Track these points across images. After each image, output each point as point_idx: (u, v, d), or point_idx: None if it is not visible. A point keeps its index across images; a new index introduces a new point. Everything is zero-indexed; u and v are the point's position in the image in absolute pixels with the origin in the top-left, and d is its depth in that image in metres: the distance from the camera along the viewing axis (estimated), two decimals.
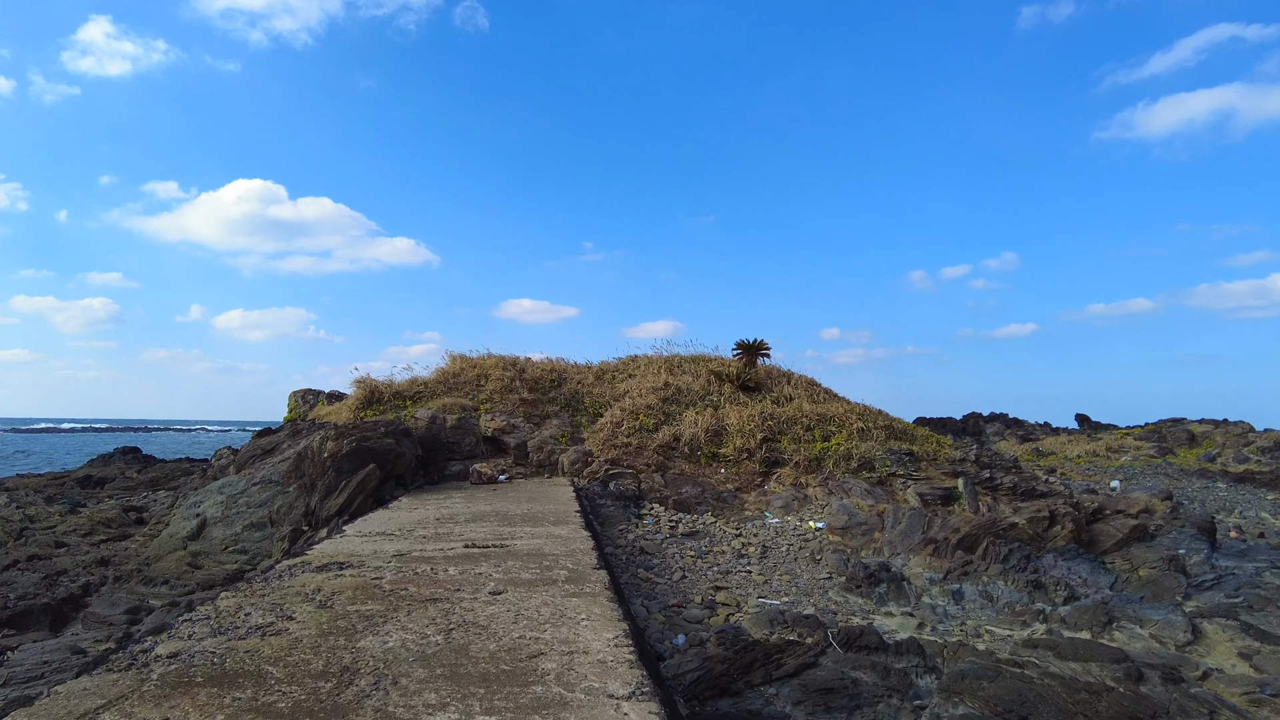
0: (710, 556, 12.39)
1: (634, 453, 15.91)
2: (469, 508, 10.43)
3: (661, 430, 16.56)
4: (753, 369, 19.00)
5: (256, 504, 12.76)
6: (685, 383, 18.36)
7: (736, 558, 12.45)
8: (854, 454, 16.00)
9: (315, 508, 11.54)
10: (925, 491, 15.50)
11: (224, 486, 13.34)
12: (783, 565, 12.38)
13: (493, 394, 16.61)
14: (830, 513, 14.64)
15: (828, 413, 17.28)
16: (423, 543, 7.38)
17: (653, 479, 15.32)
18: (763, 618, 9.26)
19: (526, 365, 18.08)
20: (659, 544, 12.66)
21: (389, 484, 12.60)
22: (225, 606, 4.84)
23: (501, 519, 9.35)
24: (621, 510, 13.92)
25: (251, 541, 12.02)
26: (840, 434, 16.62)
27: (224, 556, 11.67)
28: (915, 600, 11.44)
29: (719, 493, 15.40)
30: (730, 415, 16.95)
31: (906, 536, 13.74)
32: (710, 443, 16.43)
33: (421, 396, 16.22)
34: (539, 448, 15.54)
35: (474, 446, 15.37)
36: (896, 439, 17.08)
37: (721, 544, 13.03)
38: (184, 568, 11.19)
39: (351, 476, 11.70)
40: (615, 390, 18.31)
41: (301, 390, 18.76)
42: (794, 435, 16.66)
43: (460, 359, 17.61)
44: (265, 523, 12.36)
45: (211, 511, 12.78)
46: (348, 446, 11.95)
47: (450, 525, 8.70)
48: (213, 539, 12.21)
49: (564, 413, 17.17)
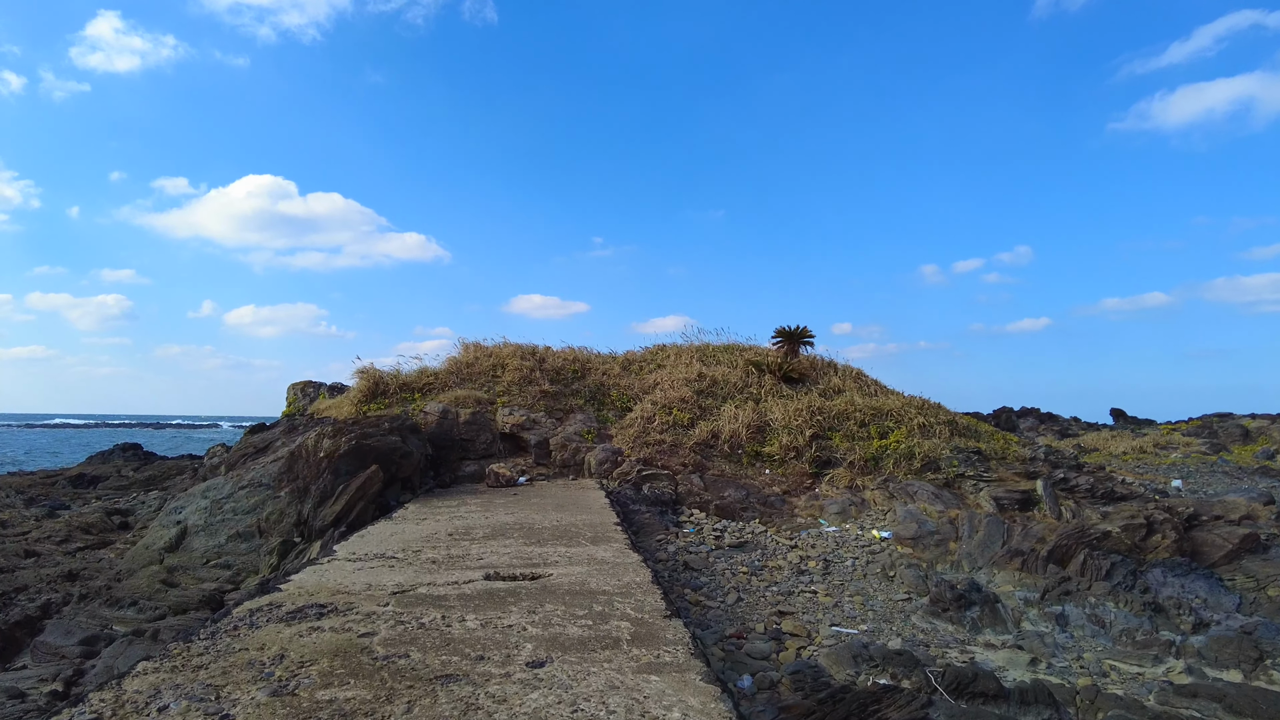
0: (766, 573, 10.69)
1: (668, 451, 14.22)
2: (487, 518, 8.78)
3: (698, 426, 14.85)
4: (795, 359, 17.23)
5: (244, 510, 11.19)
6: (721, 374, 16.63)
7: (796, 574, 10.76)
8: (916, 453, 14.22)
9: (309, 516, 9.94)
10: (1000, 495, 13.71)
11: (209, 490, 11.77)
12: (851, 583, 10.67)
13: (510, 386, 14.95)
14: (896, 520, 12.90)
15: (883, 406, 15.49)
16: (431, 571, 5.72)
17: (690, 481, 13.63)
18: (842, 653, 7.56)
19: (547, 355, 16.40)
20: (705, 557, 10.98)
21: (394, 488, 10.98)
22: (132, 693, 3.19)
23: (528, 534, 7.68)
24: (658, 517, 12.24)
25: (237, 554, 10.45)
26: (899, 430, 14.84)
27: (204, 572, 10.09)
28: (1014, 626, 9.66)
29: (765, 497, 13.68)
30: (774, 409, 15.21)
31: (986, 547, 11.98)
32: (752, 440, 14.70)
33: (431, 389, 14.59)
34: (562, 446, 13.88)
35: (490, 444, 13.72)
36: (961, 436, 15.28)
37: (776, 557, 11.33)
38: (157, 586, 9.62)
39: (350, 480, 10.09)
40: (644, 382, 16.61)
41: (301, 383, 17.17)
42: (846, 432, 14.90)
43: (474, 347, 15.96)
44: (253, 532, 10.79)
45: (193, 519, 11.23)
46: (346, 445, 10.33)
47: (465, 544, 7.03)
48: (193, 551, 10.65)
49: (588, 407, 15.49)
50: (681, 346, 18.90)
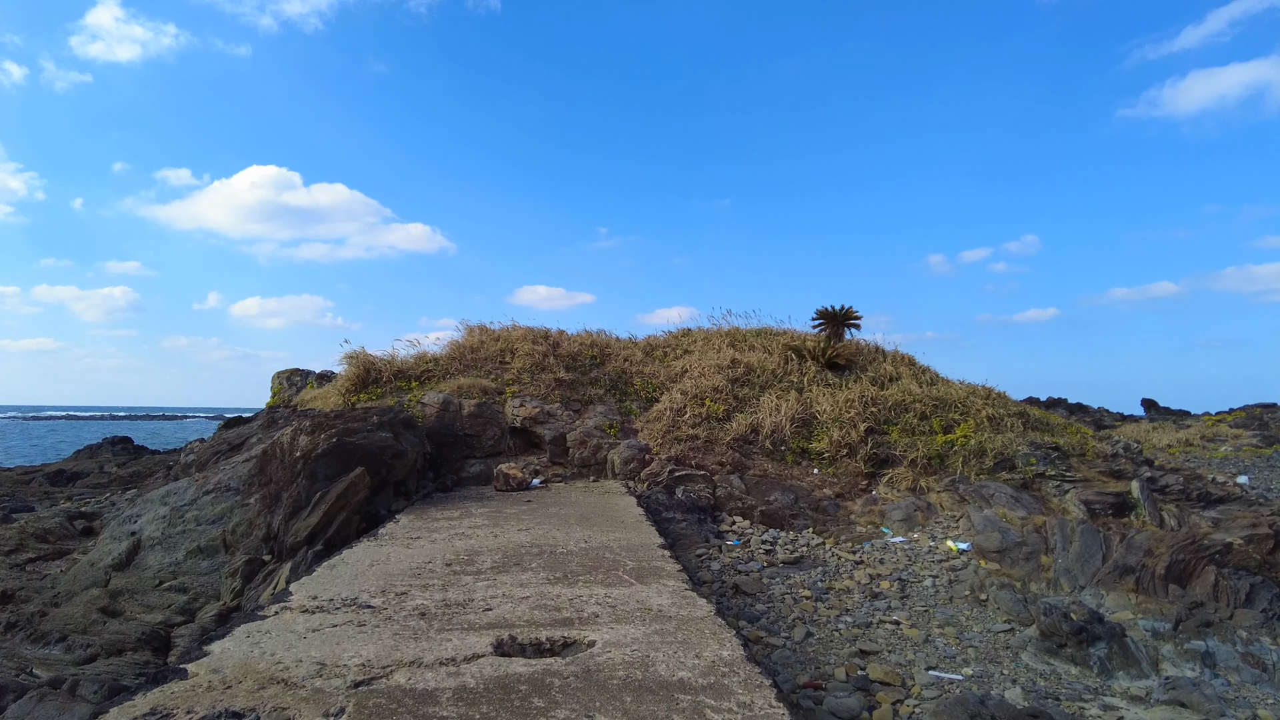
0: (833, 597, 8.87)
1: (702, 448, 12.38)
2: (496, 536, 6.97)
3: (734, 419, 13.00)
4: (840, 343, 15.33)
5: (208, 520, 9.46)
6: (756, 360, 14.76)
7: (869, 598, 8.94)
8: (988, 449, 12.35)
9: (279, 530, 8.16)
10: (1091, 499, 11.81)
11: (169, 495, 10.02)
12: (936, 609, 8.83)
13: (521, 374, 13.12)
14: (972, 528, 11.04)
15: (945, 396, 13.60)
16: (416, 635, 3.91)
17: (729, 482, 11.79)
18: (956, 711, 5.72)
19: (561, 339, 14.55)
20: (757, 578, 9.16)
21: (384, 493, 9.19)
22: None
23: (550, 563, 5.86)
24: (695, 527, 10.42)
25: (196, 574, 8.70)
26: (965, 423, 12.96)
27: (155, 597, 8.34)
28: (1152, 668, 7.76)
29: (816, 501, 11.84)
30: (821, 400, 13.35)
31: (1085, 562, 10.12)
32: (798, 435, 12.85)
33: (431, 377, 12.78)
34: (581, 442, 12.06)
35: (498, 440, 11.92)
36: (1033, 429, 13.40)
37: (841, 576, 9.50)
38: (94, 615, 7.86)
39: (330, 485, 8.29)
40: (670, 369, 14.76)
41: (287, 371, 15.38)
42: (905, 425, 13.03)
43: (480, 330, 14.12)
44: (217, 547, 9.05)
45: (150, 530, 9.49)
46: (325, 444, 8.53)
47: (468, 579, 5.22)
48: (146, 569, 8.92)
49: (609, 397, 13.66)
50: (709, 331, 17.02)
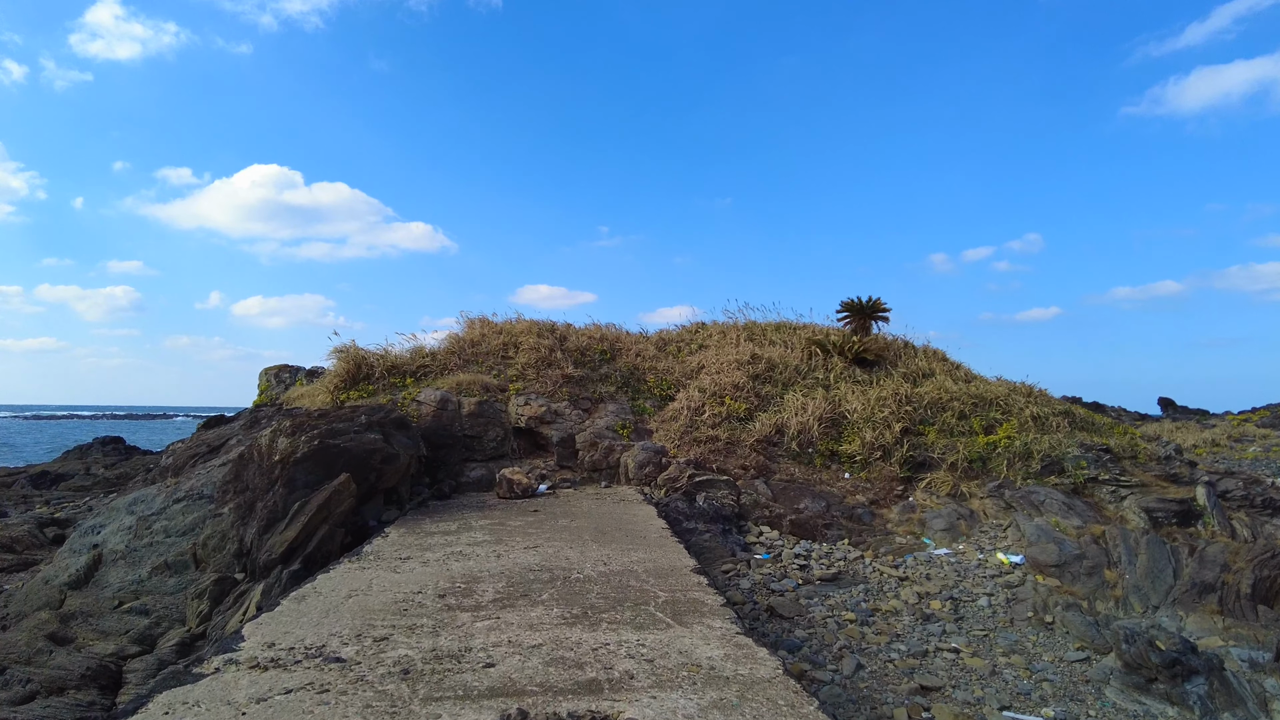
0: (879, 620, 7.84)
1: (723, 451, 11.36)
2: (500, 557, 5.95)
3: (757, 419, 11.97)
4: (868, 337, 14.29)
5: (178, 532, 8.47)
6: (778, 355, 13.73)
7: (920, 620, 7.91)
8: (1034, 451, 11.31)
9: (252, 545, 7.17)
10: (1153, 506, 10.77)
11: (136, 503, 9.03)
12: (998, 634, 7.79)
13: (525, 369, 12.11)
14: (1024, 539, 10.00)
15: (985, 394, 12.55)
16: (393, 711, 2.89)
17: (754, 488, 10.77)
18: None
19: (568, 332, 13.54)
20: (794, 598, 8.13)
21: (373, 502, 8.19)
22: None
23: (565, 592, 4.84)
24: (720, 537, 9.40)
25: (161, 593, 7.72)
26: (1008, 423, 11.91)
27: (112, 620, 7.34)
28: (1261, 710, 6.69)
29: (849, 509, 10.81)
30: (850, 398, 12.31)
31: (1155, 578, 9.07)
32: (826, 436, 11.82)
33: (428, 373, 11.78)
34: (591, 444, 11.04)
35: (501, 442, 10.90)
36: (1080, 429, 12.36)
37: (886, 596, 8.47)
38: (40, 643, 6.87)
39: (311, 494, 7.29)
40: (685, 365, 13.74)
41: (275, 367, 14.39)
42: (942, 425, 11.99)
43: (481, 323, 13.10)
44: (187, 562, 8.06)
45: (113, 542, 8.51)
46: (306, 446, 7.53)
47: (465, 618, 4.21)
48: (106, 587, 7.93)
49: (621, 395, 12.64)
50: (724, 325, 15.99)
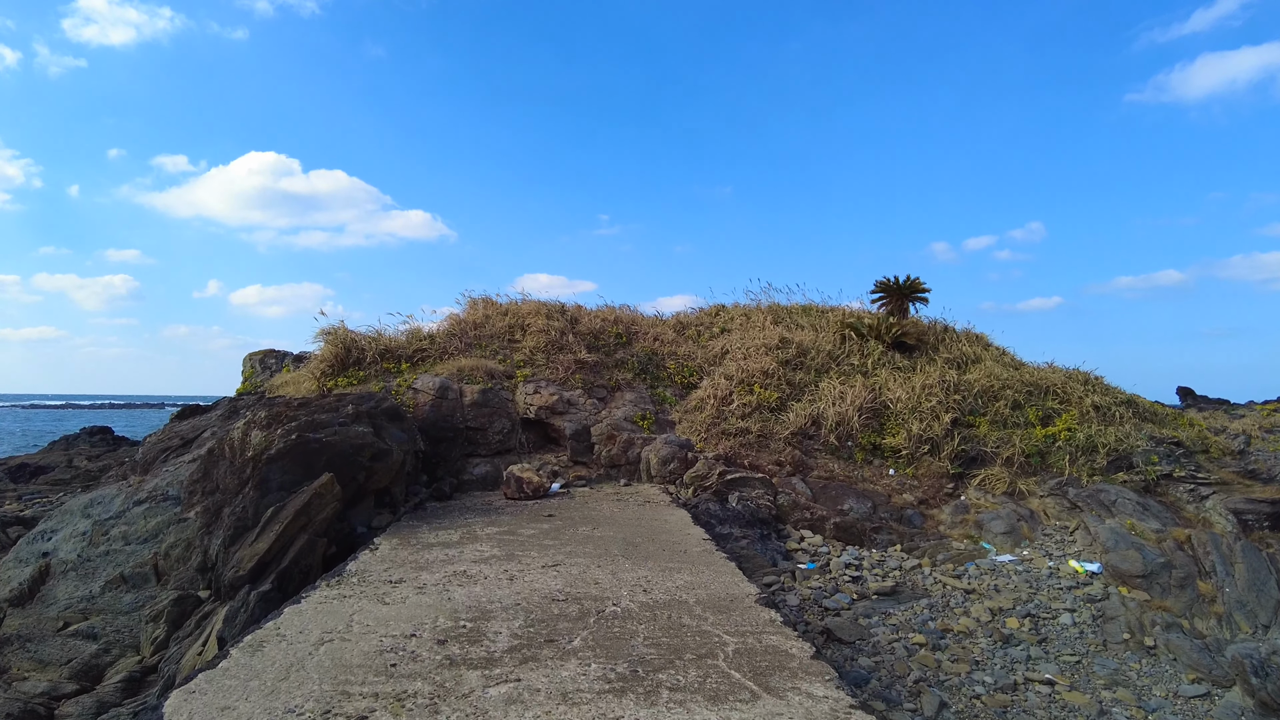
0: (953, 643, 6.73)
1: (755, 445, 10.22)
2: (514, 580, 4.82)
3: (791, 409, 10.82)
4: (905, 319, 13.11)
5: (139, 538, 7.37)
6: (809, 339, 12.56)
7: (999, 643, 6.81)
8: (1099, 445, 10.16)
9: (217, 558, 6.06)
10: (1241, 508, 9.60)
11: (92, 506, 7.91)
12: (1093, 659, 6.70)
13: (534, 353, 10.94)
14: (1099, 545, 8.87)
15: (1039, 381, 11.39)
16: None
17: (791, 486, 9.65)
18: None
19: (580, 314, 12.36)
20: (851, 617, 7.03)
21: (362, 505, 7.06)
22: None
23: (602, 635, 3.70)
24: (758, 543, 8.27)
25: (115, 612, 6.61)
26: (1067, 414, 10.76)
27: (54, 647, 6.23)
28: None
29: (897, 510, 9.68)
30: (893, 386, 11.15)
31: (1259, 591, 7.97)
32: (867, 428, 10.68)
33: (426, 357, 10.62)
34: (609, 437, 9.90)
35: (508, 435, 9.76)
36: (1146, 420, 11.21)
37: (954, 612, 7.35)
38: None
39: (287, 497, 6.16)
40: (708, 350, 12.58)
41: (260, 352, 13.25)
42: (995, 416, 10.84)
43: (485, 303, 11.92)
44: (147, 575, 6.96)
45: (65, 550, 7.40)
46: (282, 441, 6.39)
47: (474, 677, 3.07)
48: (52, 604, 6.83)
49: (638, 382, 11.48)
50: (747, 307, 14.80)
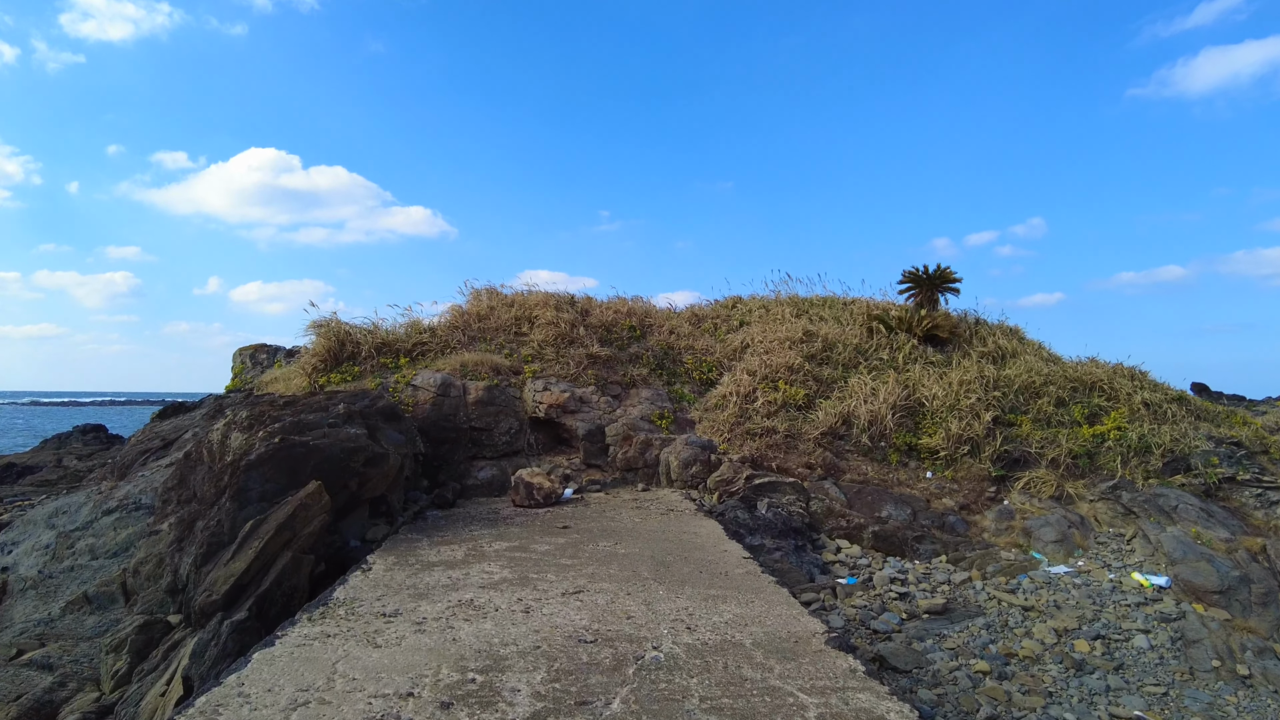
0: (1019, 670, 5.98)
1: (782, 446, 9.46)
2: (530, 614, 4.07)
3: (819, 408, 10.05)
4: (936, 311, 12.33)
5: (107, 552, 6.64)
6: (834, 332, 11.79)
7: (1071, 670, 6.07)
8: (1153, 445, 9.39)
9: (189, 578, 5.32)
10: None
11: (57, 515, 7.17)
12: (1182, 690, 5.94)
13: (543, 347, 10.19)
14: (1164, 555, 8.09)
15: (1084, 377, 10.61)
16: None
17: (823, 491, 8.89)
18: None
19: (590, 306, 11.59)
20: (905, 641, 6.27)
21: (355, 515, 6.32)
22: None
23: (645, 695, 2.94)
24: (792, 555, 7.51)
25: (75, 638, 5.89)
26: (1116, 411, 9.98)
27: (3, 679, 5.49)
28: None
29: (937, 515, 8.92)
30: (928, 382, 10.38)
31: None
32: (901, 427, 9.91)
33: (426, 351, 9.87)
34: (625, 438, 9.14)
35: (516, 436, 9.01)
36: (1199, 419, 10.43)
37: (1014, 633, 6.61)
38: None
39: (269, 508, 5.42)
40: (727, 344, 11.81)
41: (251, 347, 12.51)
42: (1037, 414, 10.07)
43: (489, 294, 11.16)
44: (114, 595, 6.23)
45: (25, 564, 6.67)
46: (263, 445, 5.64)
47: None
48: (8, 626, 6.10)
49: (655, 378, 10.72)
50: (766, 299, 14.02)
